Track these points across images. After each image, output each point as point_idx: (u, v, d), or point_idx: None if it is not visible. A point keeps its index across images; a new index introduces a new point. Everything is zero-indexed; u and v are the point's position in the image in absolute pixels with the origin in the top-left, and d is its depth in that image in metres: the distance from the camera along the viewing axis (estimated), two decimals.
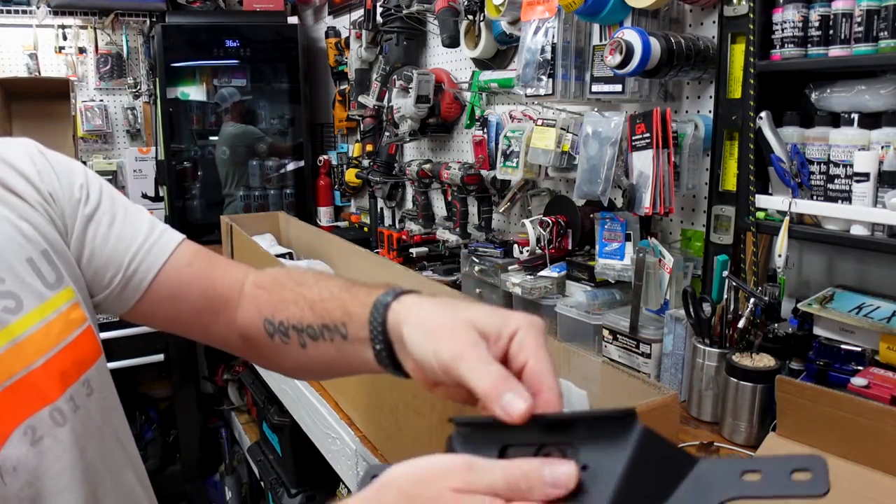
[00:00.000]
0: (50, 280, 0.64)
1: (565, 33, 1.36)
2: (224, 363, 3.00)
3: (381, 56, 2.27)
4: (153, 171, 3.18)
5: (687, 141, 1.27)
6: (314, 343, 0.66)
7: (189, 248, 0.74)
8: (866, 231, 0.99)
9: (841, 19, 1.00)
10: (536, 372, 0.48)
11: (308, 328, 0.66)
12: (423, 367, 0.51)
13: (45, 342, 0.61)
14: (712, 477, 0.39)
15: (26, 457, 0.58)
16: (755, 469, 0.38)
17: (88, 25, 3.06)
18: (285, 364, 0.72)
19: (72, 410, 0.63)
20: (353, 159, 2.66)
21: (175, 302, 0.72)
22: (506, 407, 0.43)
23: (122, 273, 0.69)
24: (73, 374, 0.64)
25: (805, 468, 0.37)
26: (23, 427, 0.58)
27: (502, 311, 0.52)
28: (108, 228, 0.70)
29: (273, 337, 0.69)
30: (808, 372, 1.00)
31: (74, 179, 0.70)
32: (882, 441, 0.78)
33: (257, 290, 0.73)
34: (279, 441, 2.05)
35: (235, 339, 0.74)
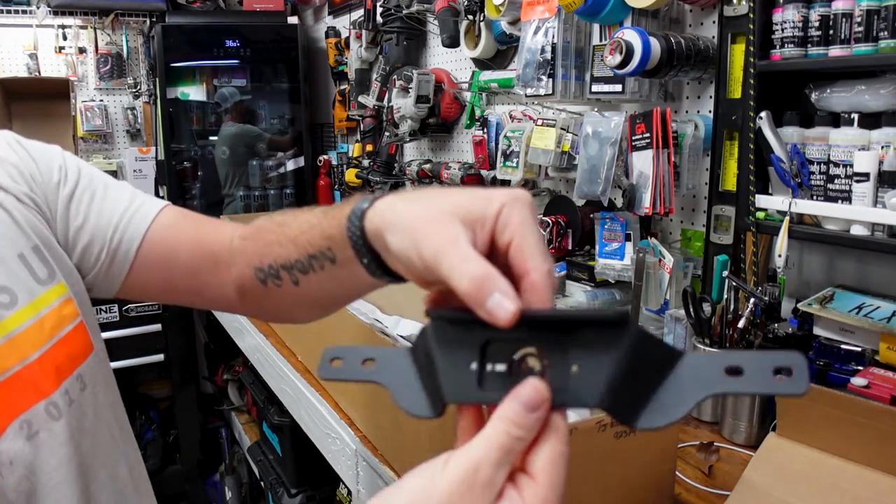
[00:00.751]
0: (41, 276, 0.64)
1: (565, 33, 1.36)
2: (224, 363, 3.00)
3: (381, 56, 2.27)
4: (153, 171, 3.18)
5: (687, 141, 1.27)
6: (306, 277, 0.64)
7: (173, 212, 0.73)
8: (866, 231, 0.99)
9: (841, 19, 1.00)
10: (520, 250, 0.44)
11: (296, 263, 0.64)
12: (411, 270, 0.47)
13: (38, 337, 0.61)
14: (697, 372, 0.39)
15: (22, 451, 0.58)
16: (737, 365, 0.38)
17: (88, 25, 3.06)
18: (288, 308, 0.71)
19: (66, 404, 0.63)
20: (354, 159, 2.66)
21: (166, 267, 0.71)
22: (491, 311, 0.40)
23: (108, 246, 0.68)
24: (67, 368, 0.64)
25: (786, 366, 0.37)
26: (18, 421, 0.58)
27: (486, 192, 0.47)
28: (88, 205, 0.69)
29: (266, 283, 0.68)
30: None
31: (52, 163, 0.69)
32: (882, 441, 0.78)
33: (243, 243, 0.72)
34: (279, 441, 2.05)
35: (233, 296, 0.73)
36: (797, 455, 0.84)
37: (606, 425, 0.76)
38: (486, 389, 0.41)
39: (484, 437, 0.39)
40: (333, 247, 0.59)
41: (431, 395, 0.44)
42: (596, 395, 0.39)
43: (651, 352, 0.40)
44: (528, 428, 0.38)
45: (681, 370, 0.40)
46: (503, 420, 0.38)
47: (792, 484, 0.81)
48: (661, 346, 0.41)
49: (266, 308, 0.73)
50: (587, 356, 0.40)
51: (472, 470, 0.38)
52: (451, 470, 0.38)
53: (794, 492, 0.80)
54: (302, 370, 1.46)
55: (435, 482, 0.38)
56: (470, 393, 0.42)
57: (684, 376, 0.40)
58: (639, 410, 0.40)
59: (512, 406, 0.39)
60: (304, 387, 1.41)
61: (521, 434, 0.38)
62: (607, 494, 0.80)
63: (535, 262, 0.43)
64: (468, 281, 0.41)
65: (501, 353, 0.41)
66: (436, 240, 0.44)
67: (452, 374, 0.42)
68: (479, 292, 0.40)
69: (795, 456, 0.84)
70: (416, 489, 0.39)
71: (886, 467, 0.78)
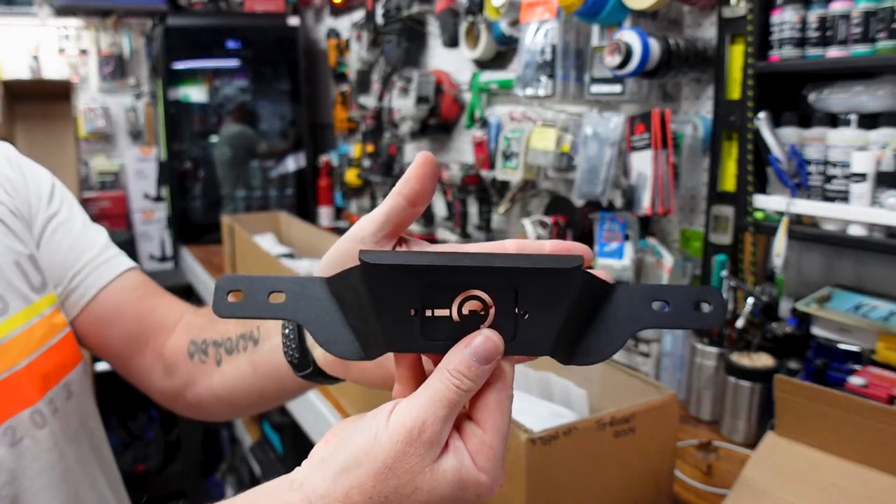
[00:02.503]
0: (35, 284, 0.64)
1: (565, 34, 1.37)
2: None
3: (382, 57, 2.28)
4: (155, 171, 3.19)
5: (686, 141, 1.27)
6: (229, 358, 0.64)
7: (137, 277, 0.73)
8: (864, 231, 1.00)
9: (839, 20, 1.00)
10: None
11: (226, 341, 0.64)
12: None
13: (28, 345, 0.62)
14: (628, 307, 0.40)
15: (5, 457, 0.59)
16: (663, 298, 0.39)
17: (90, 27, 3.07)
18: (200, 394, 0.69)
19: (51, 413, 0.63)
20: (354, 160, 2.67)
21: (107, 326, 0.70)
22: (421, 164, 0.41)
23: (64, 285, 0.68)
24: (54, 377, 0.64)
25: (705, 299, 0.39)
26: (2, 428, 0.59)
27: None
28: (62, 236, 0.69)
29: (193, 357, 0.67)
30: (806, 371, 1.00)
31: (41, 183, 0.70)
32: (880, 440, 0.78)
33: (194, 318, 0.71)
34: (280, 440, 2.06)
35: (158, 371, 0.71)
36: (795, 454, 0.85)
37: (606, 425, 0.77)
38: (430, 338, 0.38)
39: (430, 391, 0.37)
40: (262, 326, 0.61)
41: (362, 337, 0.39)
42: (547, 343, 0.38)
43: (593, 292, 0.39)
44: (477, 380, 0.37)
45: (615, 303, 0.40)
46: (452, 373, 0.37)
47: (790, 483, 0.81)
48: (599, 284, 0.40)
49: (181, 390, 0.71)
50: (537, 302, 0.38)
51: (416, 429, 0.36)
52: (394, 428, 0.37)
53: (792, 490, 0.80)
54: None
55: (378, 441, 0.37)
56: (413, 341, 0.38)
57: (619, 310, 0.40)
58: (575, 349, 0.39)
59: (462, 358, 0.37)
60: None
61: (470, 387, 0.37)
62: (607, 493, 0.80)
63: None
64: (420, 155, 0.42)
65: (444, 297, 0.38)
66: None
67: (390, 319, 0.38)
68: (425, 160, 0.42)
69: (794, 455, 0.85)
70: (359, 449, 0.37)
71: (884, 466, 0.79)
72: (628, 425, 0.78)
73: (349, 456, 0.37)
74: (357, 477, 0.37)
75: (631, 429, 0.79)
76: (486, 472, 0.38)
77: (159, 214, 3.11)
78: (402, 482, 0.36)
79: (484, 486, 0.38)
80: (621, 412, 0.78)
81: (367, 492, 0.36)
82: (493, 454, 0.38)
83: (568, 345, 0.39)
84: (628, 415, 0.78)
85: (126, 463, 2.85)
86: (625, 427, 0.78)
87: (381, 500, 0.36)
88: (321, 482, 0.38)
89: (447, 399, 0.37)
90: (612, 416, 0.77)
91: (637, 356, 1.25)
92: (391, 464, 0.36)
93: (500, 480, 0.39)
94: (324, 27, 2.98)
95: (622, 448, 0.79)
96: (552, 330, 0.38)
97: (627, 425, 0.78)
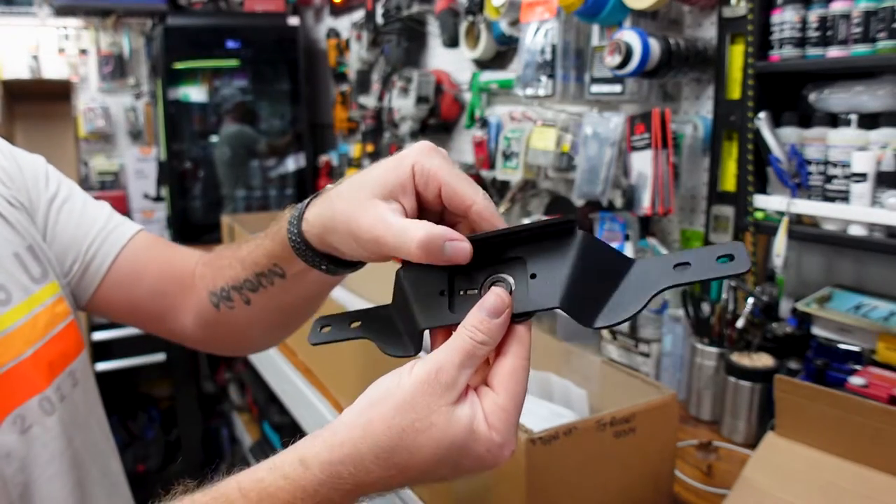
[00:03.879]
0: (35, 274, 0.65)
1: (565, 34, 1.37)
2: (225, 362, 3.01)
3: (382, 57, 2.28)
4: (154, 171, 3.18)
5: (686, 141, 1.27)
6: (256, 295, 0.65)
7: (147, 236, 0.75)
8: (864, 231, 1.00)
9: (839, 20, 1.00)
10: (452, 191, 0.47)
11: (246, 283, 0.65)
12: (367, 258, 0.51)
13: (32, 334, 0.63)
14: (649, 273, 0.42)
15: (16, 445, 0.60)
16: (685, 261, 0.41)
17: (90, 26, 3.07)
18: (243, 331, 0.71)
19: (59, 400, 0.64)
20: (354, 160, 2.66)
21: (133, 286, 0.72)
22: (451, 258, 0.44)
23: (81, 258, 0.70)
24: (60, 364, 0.65)
25: (728, 254, 0.40)
26: (12, 416, 0.60)
27: (396, 158, 0.49)
28: (68, 215, 0.70)
29: (219, 307, 0.69)
30: (806, 371, 1.00)
31: (37, 170, 0.71)
32: (880, 440, 0.78)
33: (203, 269, 0.73)
34: (280, 440, 2.06)
35: (190, 325, 0.73)
36: (796, 454, 0.85)
37: (606, 425, 0.77)
38: (457, 312, 0.45)
39: (448, 342, 0.43)
40: (280, 263, 0.61)
41: (410, 334, 0.47)
42: (554, 296, 0.42)
43: (603, 256, 0.43)
44: (490, 332, 0.42)
45: (634, 275, 0.42)
46: (466, 327, 0.42)
47: (790, 483, 0.81)
48: (612, 251, 0.44)
49: (221, 335, 0.73)
50: (542, 263, 0.43)
51: (433, 370, 0.41)
52: (415, 371, 0.42)
53: (792, 490, 0.80)
54: (303, 369, 1.47)
55: (401, 382, 0.42)
56: (442, 317, 0.46)
57: (639, 278, 0.42)
58: (596, 312, 0.42)
59: (475, 314, 0.42)
60: (305, 386, 1.41)
61: (483, 339, 0.42)
62: (607, 494, 0.80)
63: (470, 195, 0.47)
64: (416, 246, 0.44)
65: (467, 278, 0.46)
66: (368, 228, 0.47)
67: (425, 305, 0.46)
68: (431, 250, 0.44)
69: (794, 455, 0.85)
70: (384, 388, 0.42)
71: (884, 466, 0.79)
72: (628, 425, 0.78)
73: (375, 393, 0.43)
74: (380, 409, 0.41)
75: (631, 429, 0.79)
76: (498, 431, 0.41)
77: (159, 214, 3.11)
78: (419, 416, 0.41)
79: (494, 444, 0.41)
80: (621, 412, 0.78)
81: (388, 421, 0.41)
82: (506, 417, 0.42)
83: (585, 307, 0.42)
84: (628, 415, 0.78)
85: (126, 463, 2.84)
86: (625, 427, 0.78)
87: (399, 431, 0.41)
88: (348, 413, 0.43)
89: (462, 348, 0.42)
90: (612, 416, 0.77)
91: (637, 356, 1.25)
92: (410, 399, 0.41)
93: (512, 447, 0.42)
94: (324, 27, 2.98)
95: (622, 448, 0.79)
96: (558, 284, 0.42)
97: (627, 425, 0.78)
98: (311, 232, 0.55)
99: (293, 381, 1.48)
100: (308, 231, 0.55)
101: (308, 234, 0.55)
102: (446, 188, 0.47)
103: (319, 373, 1.41)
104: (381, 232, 0.46)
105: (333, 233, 0.52)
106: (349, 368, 1.17)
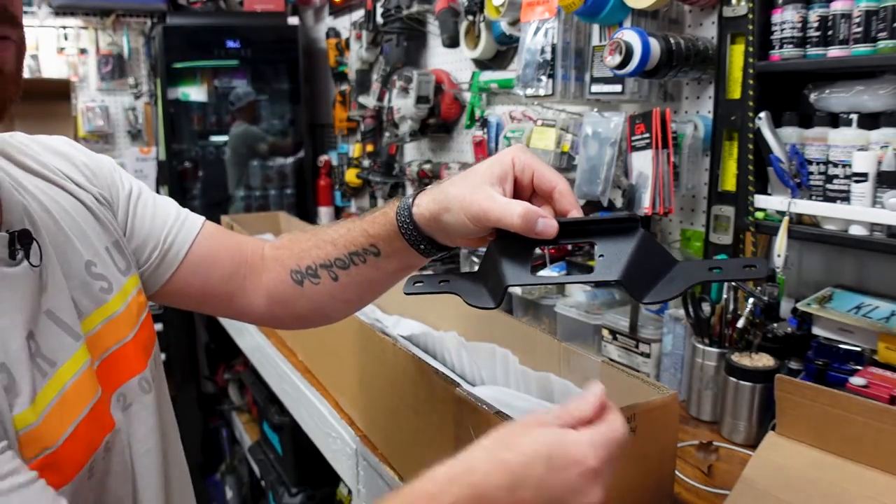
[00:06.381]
0: (122, 267, 0.71)
1: (565, 34, 1.36)
2: (224, 363, 3.00)
3: (382, 57, 2.28)
4: (154, 171, 3.18)
5: (686, 141, 1.27)
6: (345, 271, 0.74)
7: (213, 225, 0.82)
8: (865, 231, 0.99)
9: (839, 20, 1.00)
10: (542, 176, 0.62)
11: (336, 261, 0.74)
12: (468, 234, 0.63)
13: (129, 320, 0.68)
14: (689, 269, 0.56)
15: (121, 420, 0.64)
16: (718, 266, 0.54)
17: (90, 26, 3.07)
18: (322, 304, 0.78)
19: (153, 380, 0.70)
20: (354, 159, 2.66)
21: (208, 270, 0.78)
22: (541, 231, 0.58)
23: (160, 247, 0.76)
24: (151, 348, 0.72)
25: (752, 264, 0.53)
26: (116, 394, 0.64)
27: (497, 156, 0.64)
28: (143, 209, 0.76)
29: (303, 283, 0.76)
30: (807, 371, 1.00)
31: (113, 168, 0.77)
32: (881, 440, 0.78)
33: (277, 251, 0.80)
34: (280, 440, 2.06)
35: (261, 304, 0.80)
36: (796, 454, 0.84)
37: None
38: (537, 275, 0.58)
39: None
40: (378, 243, 0.71)
41: (493, 291, 0.61)
42: (616, 271, 0.55)
43: (654, 250, 0.57)
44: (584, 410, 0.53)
45: (676, 269, 0.56)
46: None
47: (791, 483, 0.81)
48: (662, 248, 0.58)
49: (297, 310, 0.79)
50: (609, 247, 0.56)
51: None
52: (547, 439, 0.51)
53: (793, 491, 0.80)
54: (302, 370, 1.46)
55: None
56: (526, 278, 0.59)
57: (680, 272, 0.56)
58: (647, 291, 0.55)
59: None
60: (305, 386, 1.41)
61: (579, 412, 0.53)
62: (606, 494, 0.80)
63: (555, 178, 0.63)
64: (517, 217, 0.58)
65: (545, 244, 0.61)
66: (479, 203, 0.61)
67: (512, 267, 0.59)
68: (528, 222, 0.58)
69: (795, 455, 0.84)
70: None
71: (885, 466, 0.78)
72: (628, 426, 0.78)
73: None
74: None
75: (631, 429, 0.78)
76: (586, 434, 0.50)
77: None
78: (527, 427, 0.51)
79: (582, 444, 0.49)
80: (621, 412, 0.77)
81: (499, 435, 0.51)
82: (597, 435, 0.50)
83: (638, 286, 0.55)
84: (628, 415, 0.78)
85: None
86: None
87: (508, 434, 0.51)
88: None
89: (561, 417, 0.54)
90: None
91: (637, 356, 1.24)
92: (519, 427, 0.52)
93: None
94: (323, 26, 2.98)
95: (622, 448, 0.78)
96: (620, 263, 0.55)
97: (628, 425, 0.78)
98: (421, 214, 0.66)
99: (293, 381, 1.48)
100: (418, 214, 0.67)
101: (418, 217, 0.67)
102: (538, 174, 0.62)
103: (319, 373, 1.41)
104: (489, 205, 0.60)
105: (447, 212, 0.64)
106: (349, 369, 1.17)
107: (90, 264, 0.66)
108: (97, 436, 0.60)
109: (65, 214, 0.66)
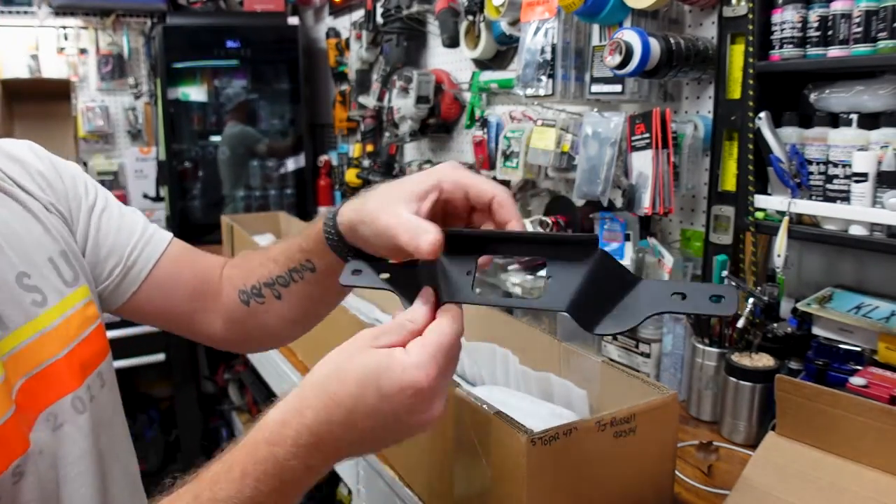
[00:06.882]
0: (68, 278, 0.67)
1: (565, 34, 1.36)
2: (224, 362, 3.00)
3: (382, 57, 2.27)
4: (154, 171, 3.18)
5: (686, 141, 1.27)
6: (287, 289, 0.72)
7: (180, 243, 0.80)
8: (865, 231, 0.99)
9: (839, 20, 1.00)
10: (477, 191, 0.59)
11: (278, 279, 0.72)
12: (381, 248, 0.61)
13: (66, 335, 0.65)
14: (650, 295, 0.47)
15: (48, 442, 0.61)
16: (682, 292, 0.46)
17: (90, 26, 3.07)
18: (272, 325, 0.76)
19: (89, 399, 0.66)
20: (354, 160, 2.66)
21: (170, 290, 0.76)
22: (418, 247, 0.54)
23: (123, 262, 0.74)
24: (91, 365, 0.68)
25: (720, 294, 0.45)
26: (45, 413, 0.61)
27: (425, 173, 0.61)
28: (108, 221, 0.74)
29: (249, 303, 0.75)
30: (807, 371, 1.00)
31: (76, 177, 0.74)
32: (881, 440, 0.78)
33: (231, 270, 0.79)
34: None
35: (218, 327, 0.78)
36: (796, 454, 0.84)
37: (606, 425, 0.77)
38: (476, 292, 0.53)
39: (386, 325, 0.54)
40: (312, 257, 0.69)
41: None
42: (563, 301, 0.47)
43: (613, 273, 0.49)
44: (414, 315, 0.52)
45: (637, 292, 0.48)
46: None
47: (791, 483, 0.81)
48: (621, 269, 0.50)
49: (249, 331, 0.77)
50: (559, 269, 0.49)
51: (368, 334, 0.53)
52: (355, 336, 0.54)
53: (793, 491, 0.80)
54: (302, 370, 1.46)
55: None
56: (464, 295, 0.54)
57: (640, 297, 0.47)
58: (598, 320, 0.47)
59: None
60: None
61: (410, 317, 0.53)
62: (606, 494, 0.80)
63: (491, 190, 0.58)
64: (405, 235, 0.55)
65: None
66: (386, 219, 0.58)
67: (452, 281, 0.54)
68: (412, 239, 0.54)
69: (795, 455, 0.84)
70: None
71: (885, 466, 0.78)
72: (629, 426, 0.78)
73: None
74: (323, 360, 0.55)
75: (631, 429, 0.78)
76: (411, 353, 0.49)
77: (159, 214, 3.11)
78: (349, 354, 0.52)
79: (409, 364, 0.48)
80: (621, 412, 0.77)
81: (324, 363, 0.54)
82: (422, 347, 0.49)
83: (590, 314, 0.47)
84: (629, 415, 0.78)
85: None
86: (625, 427, 0.78)
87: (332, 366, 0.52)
88: None
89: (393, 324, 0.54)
90: (612, 416, 0.76)
91: (637, 356, 1.24)
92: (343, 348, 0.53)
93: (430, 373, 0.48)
94: (323, 26, 2.98)
95: (622, 448, 0.78)
96: (569, 291, 0.47)
97: (628, 426, 0.78)
98: (344, 224, 0.64)
99: (293, 381, 1.48)
100: (341, 224, 0.65)
101: (341, 226, 0.65)
102: (472, 188, 0.59)
103: None
104: (392, 223, 0.57)
105: (362, 224, 0.62)
106: None
107: (22, 276, 0.62)
108: (1, 461, 0.55)
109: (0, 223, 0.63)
